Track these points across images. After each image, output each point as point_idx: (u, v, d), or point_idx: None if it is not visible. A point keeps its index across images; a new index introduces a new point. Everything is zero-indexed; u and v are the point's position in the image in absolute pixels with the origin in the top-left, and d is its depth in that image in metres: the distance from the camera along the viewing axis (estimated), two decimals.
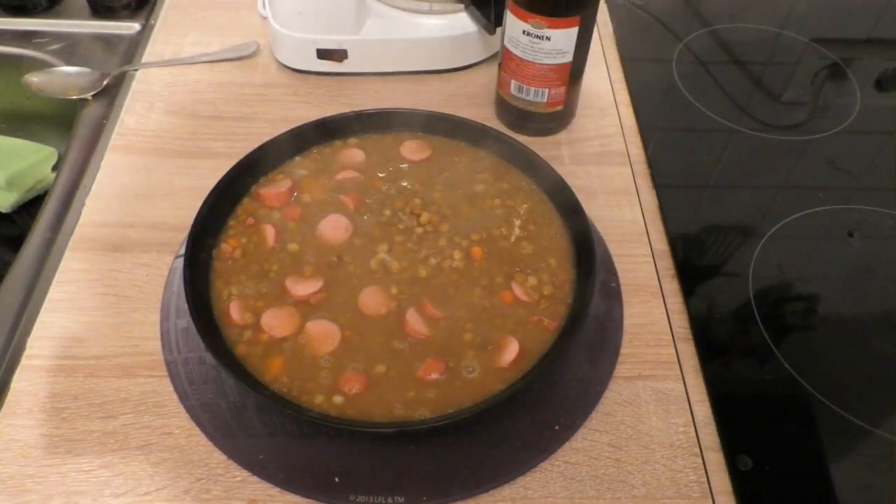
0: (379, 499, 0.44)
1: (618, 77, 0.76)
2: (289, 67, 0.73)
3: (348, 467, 0.45)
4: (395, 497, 0.44)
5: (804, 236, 0.62)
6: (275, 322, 0.49)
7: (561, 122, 0.68)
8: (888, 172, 0.68)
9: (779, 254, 0.60)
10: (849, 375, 0.53)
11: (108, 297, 0.54)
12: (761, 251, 0.60)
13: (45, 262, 0.57)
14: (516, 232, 0.56)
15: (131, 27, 0.79)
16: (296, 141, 0.60)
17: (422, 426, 0.45)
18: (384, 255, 0.53)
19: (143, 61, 0.74)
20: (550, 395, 0.49)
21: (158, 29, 0.78)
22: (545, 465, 0.46)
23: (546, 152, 0.61)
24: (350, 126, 0.62)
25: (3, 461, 0.46)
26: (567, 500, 0.45)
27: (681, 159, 0.68)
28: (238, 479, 0.45)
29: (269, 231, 0.55)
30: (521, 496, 0.45)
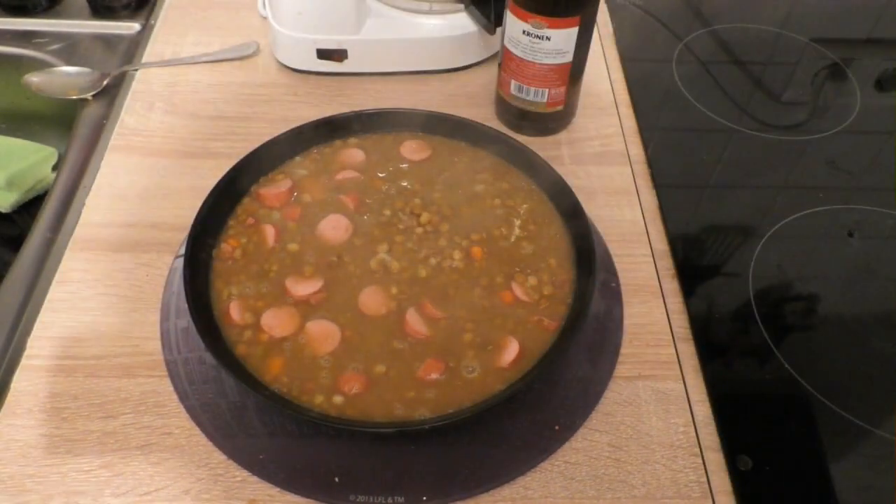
0: (379, 499, 0.44)
1: (618, 77, 0.76)
2: (289, 67, 0.73)
3: (348, 467, 0.45)
4: (395, 497, 0.44)
5: (804, 236, 0.62)
6: (275, 322, 0.49)
7: (561, 122, 0.68)
8: (888, 172, 0.68)
9: (779, 254, 0.60)
10: (849, 375, 0.53)
11: (108, 297, 0.54)
12: (761, 251, 0.60)
13: (45, 262, 0.57)
14: (516, 232, 0.56)
15: (131, 27, 0.79)
16: (296, 141, 0.60)
17: (422, 426, 0.45)
18: (384, 255, 0.53)
19: (143, 61, 0.74)
20: (550, 395, 0.49)
21: (158, 29, 0.78)
22: (545, 465, 0.46)
23: (546, 152, 0.61)
24: (350, 126, 0.62)
25: (3, 461, 0.46)
26: (567, 500, 0.45)
27: (681, 159, 0.68)
28: (238, 479, 0.45)
29: (269, 231, 0.55)
30: (521, 496, 0.45)
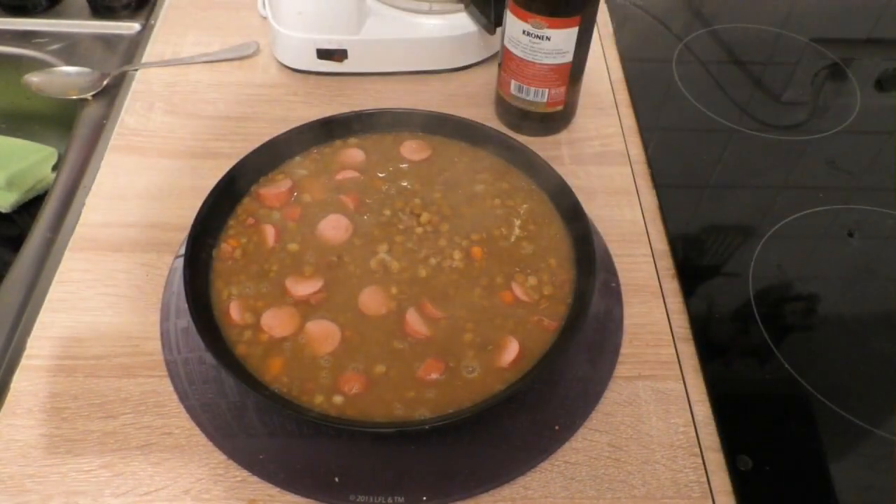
0: (379, 499, 0.44)
1: (618, 77, 0.76)
2: (289, 67, 0.73)
3: (348, 467, 0.45)
4: (395, 497, 0.44)
5: (804, 236, 0.62)
6: (275, 322, 0.49)
7: (561, 122, 0.68)
8: (888, 172, 0.68)
9: (779, 254, 0.60)
10: (849, 375, 0.53)
11: (108, 297, 0.54)
12: (761, 251, 0.60)
13: (45, 262, 0.57)
14: (516, 232, 0.56)
15: (131, 27, 0.79)
16: (296, 141, 0.60)
17: (422, 426, 0.45)
18: (384, 255, 0.53)
19: (143, 61, 0.74)
20: (550, 395, 0.49)
21: (158, 29, 0.78)
22: (545, 465, 0.46)
23: (546, 152, 0.61)
24: (350, 126, 0.62)
25: (3, 461, 0.46)
26: (567, 500, 0.45)
27: (681, 159, 0.68)
28: (238, 479, 0.45)
29: (269, 231, 0.55)
30: (521, 496, 0.45)
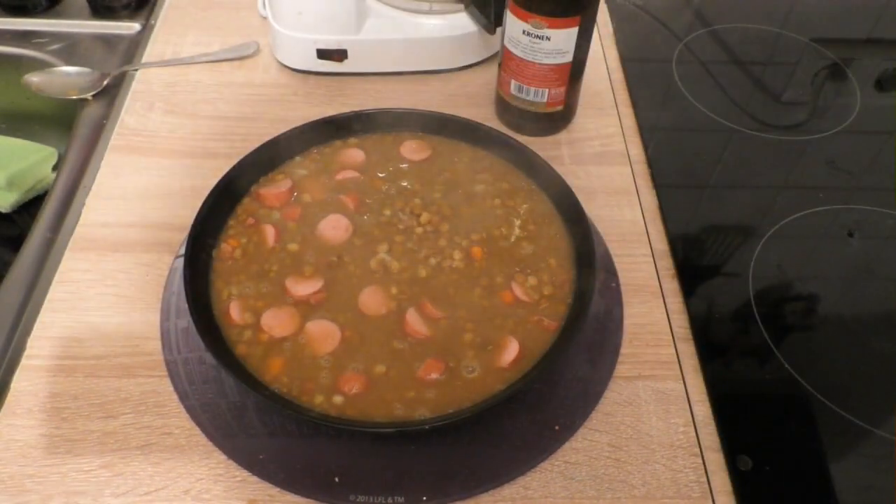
0: (379, 499, 0.44)
1: (618, 77, 0.76)
2: (289, 67, 0.73)
3: (348, 467, 0.45)
4: (395, 497, 0.44)
5: (804, 236, 0.62)
6: (275, 322, 0.49)
7: (561, 122, 0.68)
8: (888, 172, 0.68)
9: (779, 254, 0.60)
10: (849, 375, 0.53)
11: (108, 297, 0.54)
12: (761, 251, 0.60)
13: (45, 262, 0.57)
14: (516, 232, 0.56)
15: (131, 27, 0.79)
16: (296, 141, 0.60)
17: (422, 426, 0.45)
18: (384, 255, 0.53)
19: (143, 61, 0.74)
20: (550, 395, 0.49)
21: (158, 29, 0.78)
22: (545, 465, 0.46)
23: (546, 152, 0.61)
24: (350, 126, 0.62)
25: (3, 461, 0.46)
26: (567, 500, 0.45)
27: (681, 159, 0.68)
28: (238, 479, 0.45)
29: (269, 231, 0.55)
30: (521, 496, 0.45)
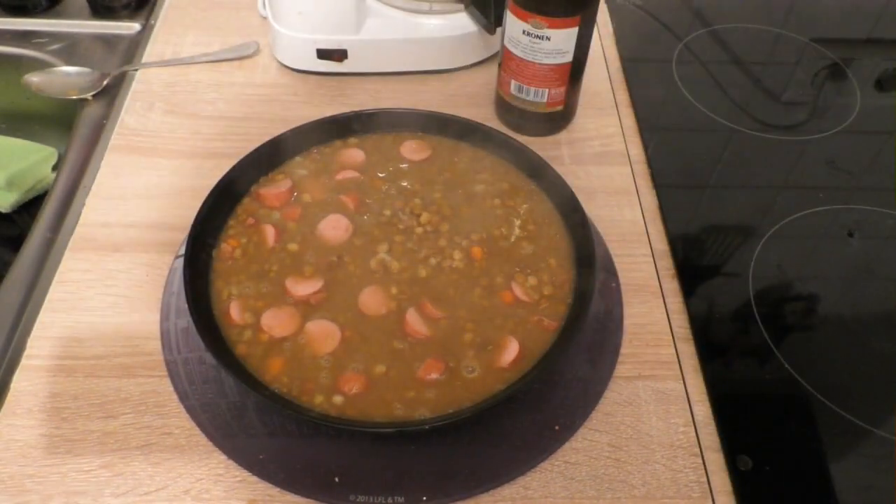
0: (379, 499, 0.44)
1: (618, 77, 0.76)
2: (289, 67, 0.73)
3: (348, 467, 0.45)
4: (395, 497, 0.44)
5: (804, 236, 0.62)
6: (275, 322, 0.49)
7: (561, 122, 0.68)
8: (888, 172, 0.68)
9: (779, 254, 0.60)
10: (849, 375, 0.53)
11: (108, 297, 0.54)
12: (761, 251, 0.60)
13: (45, 262, 0.57)
14: (516, 232, 0.56)
15: (131, 27, 0.79)
16: (296, 141, 0.60)
17: (422, 426, 0.45)
18: (384, 255, 0.53)
19: (143, 61, 0.74)
20: (550, 395, 0.49)
21: (158, 29, 0.78)
22: (545, 465, 0.46)
23: (546, 152, 0.61)
24: (350, 126, 0.62)
25: (3, 461, 0.46)
26: (567, 500, 0.45)
27: (681, 159, 0.68)
28: (238, 479, 0.45)
29: (269, 231, 0.55)
30: (521, 496, 0.45)
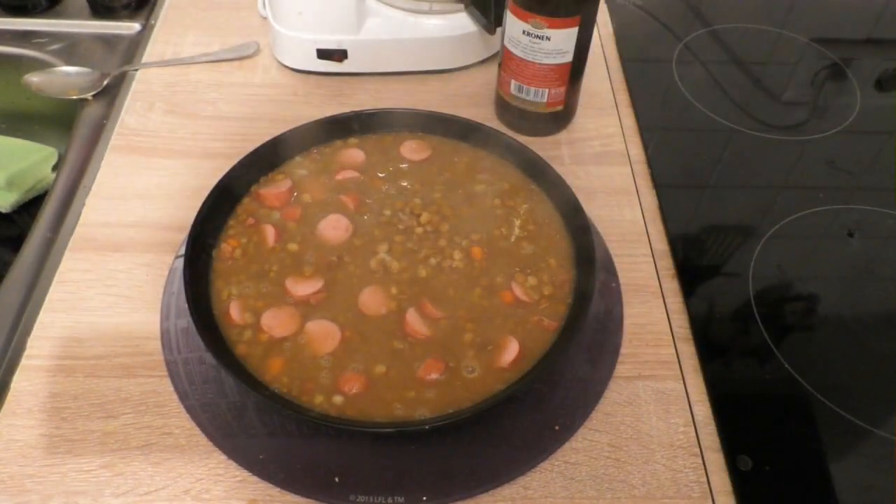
0: (379, 499, 0.44)
1: (618, 77, 0.76)
2: (289, 67, 0.73)
3: (348, 467, 0.45)
4: (395, 497, 0.44)
5: (804, 236, 0.62)
6: (275, 322, 0.49)
7: (561, 122, 0.68)
8: (888, 172, 0.68)
9: (779, 254, 0.60)
10: (849, 375, 0.53)
11: (108, 297, 0.54)
12: (761, 251, 0.60)
13: (45, 262, 0.57)
14: (516, 232, 0.56)
15: (131, 27, 0.79)
16: (296, 141, 0.60)
17: (422, 426, 0.45)
18: (384, 255, 0.53)
19: (143, 61, 0.74)
20: (550, 395, 0.49)
21: (158, 29, 0.78)
22: (545, 465, 0.46)
23: (546, 152, 0.61)
24: (350, 126, 0.62)
25: (3, 461, 0.46)
26: (567, 500, 0.45)
27: (681, 159, 0.68)
28: (238, 479, 0.45)
29: (269, 231, 0.55)
30: (521, 496, 0.45)
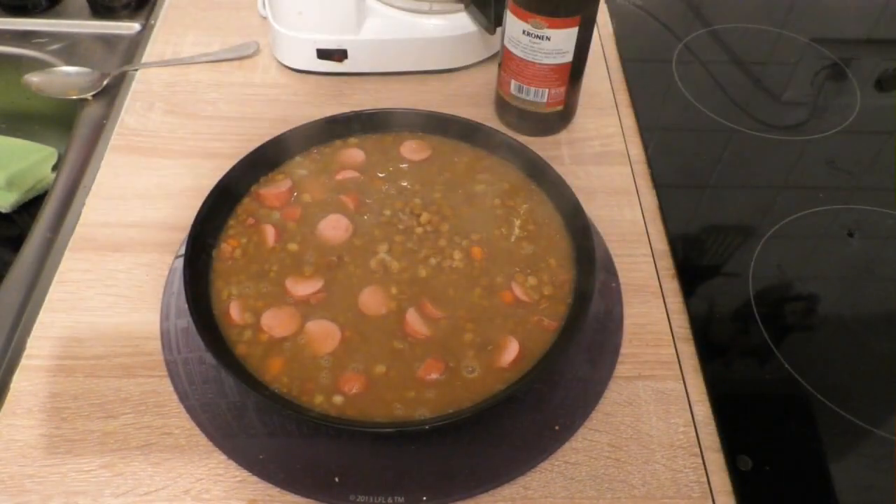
0: (379, 499, 0.44)
1: (618, 77, 0.76)
2: (289, 67, 0.73)
3: (348, 467, 0.45)
4: (395, 497, 0.44)
5: (804, 236, 0.62)
6: (275, 322, 0.49)
7: (561, 122, 0.68)
8: (888, 172, 0.68)
9: (779, 254, 0.60)
10: (849, 375, 0.53)
11: (108, 297, 0.54)
12: (761, 251, 0.60)
13: (45, 262, 0.57)
14: (516, 232, 0.56)
15: (131, 27, 0.79)
16: (296, 141, 0.60)
17: (422, 426, 0.45)
18: (384, 255, 0.53)
19: (143, 61, 0.74)
20: (550, 395, 0.49)
21: (158, 29, 0.78)
22: (545, 465, 0.46)
23: (546, 152, 0.61)
24: (350, 126, 0.62)
25: (3, 461, 0.46)
26: (567, 500, 0.45)
27: (681, 159, 0.68)
28: (238, 479, 0.45)
29: (269, 231, 0.55)
30: (521, 496, 0.45)
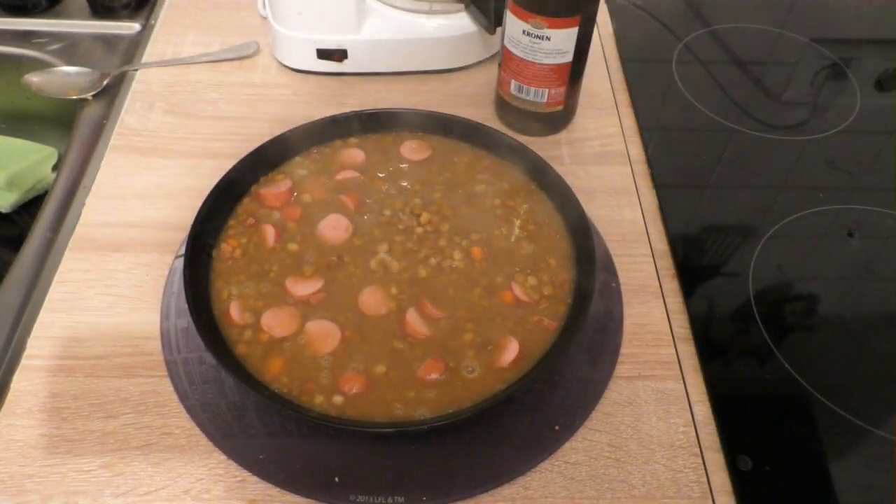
0: (379, 499, 0.44)
1: (618, 77, 0.76)
2: (289, 67, 0.73)
3: (348, 467, 0.45)
4: (395, 497, 0.44)
5: (804, 236, 0.62)
6: (275, 322, 0.49)
7: (561, 122, 0.68)
8: (888, 172, 0.68)
9: (779, 254, 0.60)
10: (849, 375, 0.53)
11: (108, 297, 0.54)
12: (761, 251, 0.60)
13: (45, 262, 0.57)
14: (516, 232, 0.56)
15: (131, 27, 0.79)
16: (296, 141, 0.60)
17: (422, 426, 0.45)
18: (384, 255, 0.53)
19: (143, 61, 0.74)
20: (550, 395, 0.49)
21: (158, 29, 0.78)
22: (545, 465, 0.46)
23: (546, 152, 0.61)
24: (350, 126, 0.62)
25: (3, 461, 0.46)
26: (567, 500, 0.45)
27: (681, 159, 0.68)
28: (238, 479, 0.45)
29: (269, 231, 0.55)
30: (521, 496, 0.45)
